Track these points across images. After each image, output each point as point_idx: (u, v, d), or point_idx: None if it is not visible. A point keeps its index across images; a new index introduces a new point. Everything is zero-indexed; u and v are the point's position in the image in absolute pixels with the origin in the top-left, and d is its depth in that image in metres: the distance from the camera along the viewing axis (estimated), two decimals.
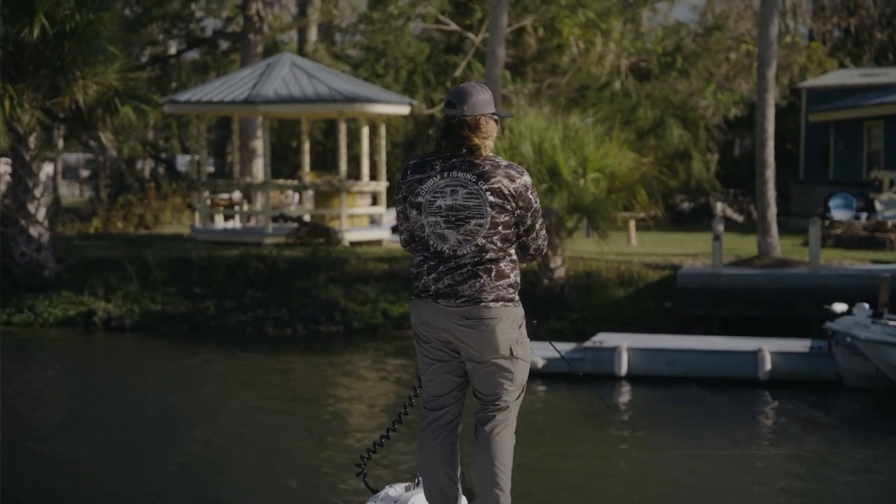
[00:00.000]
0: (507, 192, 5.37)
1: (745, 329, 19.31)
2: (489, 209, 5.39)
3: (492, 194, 5.36)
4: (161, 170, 38.06)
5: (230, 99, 24.37)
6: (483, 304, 5.42)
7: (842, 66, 41.14)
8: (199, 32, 36.03)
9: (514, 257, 5.47)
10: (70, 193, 54.59)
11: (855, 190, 28.93)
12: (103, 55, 21.70)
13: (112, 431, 14.08)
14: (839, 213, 26.78)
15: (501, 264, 5.43)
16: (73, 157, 53.95)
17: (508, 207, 5.40)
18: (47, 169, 49.97)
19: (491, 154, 5.45)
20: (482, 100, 5.45)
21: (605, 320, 20.46)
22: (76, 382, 17.75)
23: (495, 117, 5.50)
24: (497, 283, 5.42)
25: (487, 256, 5.42)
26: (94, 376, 18.07)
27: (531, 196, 5.42)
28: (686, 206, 36.85)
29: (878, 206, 26.58)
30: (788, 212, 32.12)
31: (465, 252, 5.43)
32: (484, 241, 5.41)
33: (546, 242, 5.58)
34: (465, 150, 5.41)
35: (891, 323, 14.61)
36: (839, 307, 15.64)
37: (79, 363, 19.29)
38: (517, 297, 5.45)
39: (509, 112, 5.71)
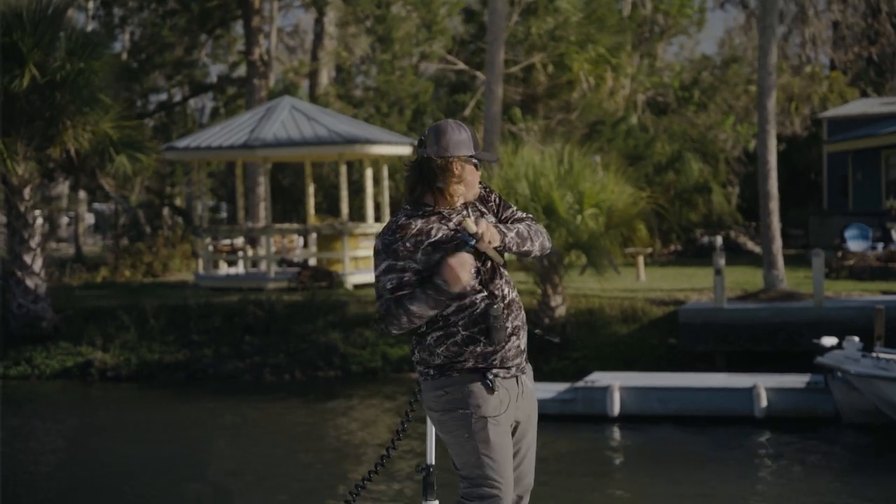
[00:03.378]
0: None
1: (748, 364, 18.79)
2: None
3: None
4: (178, 217, 37.98)
5: (229, 144, 24.20)
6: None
7: (864, 95, 40.59)
8: (201, 78, 36.01)
9: (422, 330, 4.90)
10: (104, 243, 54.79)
11: (873, 220, 28.34)
12: (96, 104, 21.55)
13: (108, 485, 13.79)
14: (855, 244, 26.22)
15: (413, 337, 4.99)
16: (106, 208, 54.05)
17: None
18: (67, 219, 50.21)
19: (405, 208, 4.91)
20: (457, 140, 4.85)
21: (607, 359, 19.99)
22: (68, 437, 17.47)
23: (474, 161, 4.91)
24: (413, 358, 5.02)
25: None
26: (87, 430, 17.79)
27: (373, 263, 4.87)
28: (706, 239, 36.33)
29: (894, 235, 26.03)
30: (808, 244, 31.56)
31: None
32: None
33: (380, 324, 4.88)
34: (433, 197, 4.89)
35: (882, 356, 14.07)
36: (828, 341, 15.09)
37: (71, 417, 18.99)
38: (433, 372, 4.91)
39: (494, 156, 5.08)
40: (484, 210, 5.03)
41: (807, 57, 45.04)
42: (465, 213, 4.96)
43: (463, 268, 4.74)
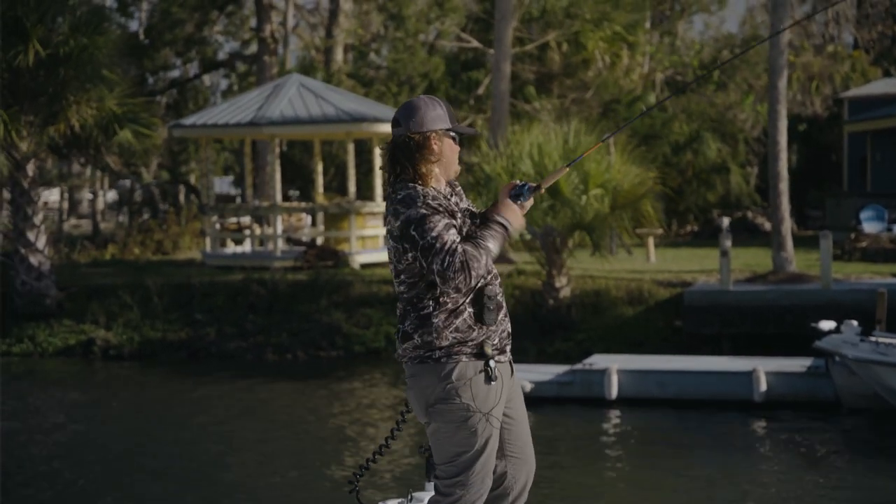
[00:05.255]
0: (395, 232, 4.64)
1: (755, 347, 18.52)
2: (392, 254, 4.73)
3: (390, 236, 4.70)
4: (193, 195, 37.90)
5: (235, 122, 24.02)
6: (403, 362, 4.81)
7: (887, 74, 40.03)
8: (212, 55, 35.77)
9: (428, 310, 4.66)
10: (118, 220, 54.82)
11: (891, 201, 27.92)
12: (100, 80, 21.40)
13: (111, 465, 13.68)
14: (870, 226, 25.85)
15: (407, 322, 4.72)
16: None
17: (402, 250, 4.64)
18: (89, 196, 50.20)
19: (408, 184, 4.66)
20: (433, 115, 4.70)
21: (612, 341, 19.74)
22: (65, 415, 17.37)
23: (452, 135, 4.74)
24: (404, 346, 4.75)
25: (402, 310, 4.77)
26: (83, 409, 17.68)
27: (414, 233, 4.55)
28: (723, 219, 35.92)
29: None
30: (826, 225, 31.16)
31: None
32: (398, 291, 4.76)
33: (457, 275, 4.51)
34: (413, 177, 4.68)
35: (881, 340, 13.77)
36: (826, 325, 14.78)
37: (68, 394, 18.88)
38: (439, 355, 4.67)
39: (473, 129, 4.90)
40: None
41: (830, 36, 44.45)
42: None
43: (520, 208, 4.75)
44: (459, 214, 4.70)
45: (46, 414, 17.23)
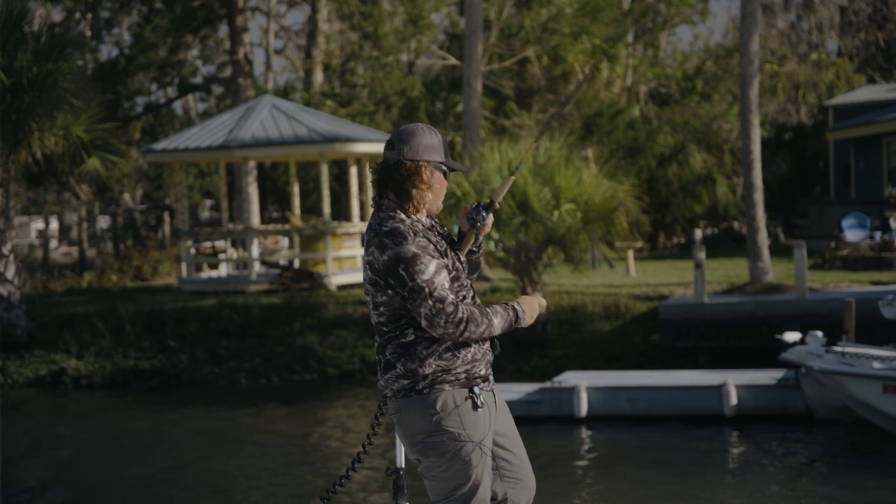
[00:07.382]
0: (377, 265, 4.47)
1: (731, 360, 18.28)
2: (368, 285, 4.56)
3: (368, 267, 4.53)
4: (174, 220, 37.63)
5: (206, 145, 23.80)
6: (387, 396, 4.66)
7: (871, 81, 39.85)
8: (189, 78, 35.54)
9: (410, 338, 4.51)
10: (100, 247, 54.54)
11: (874, 209, 27.68)
12: (66, 106, 21.14)
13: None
14: (852, 234, 25.58)
15: (387, 351, 4.58)
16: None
17: (382, 284, 4.48)
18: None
19: (393, 214, 4.50)
20: (428, 144, 4.55)
21: (589, 357, 19.49)
22: (34, 446, 17.10)
23: (444, 169, 4.59)
24: (386, 376, 4.60)
25: (380, 341, 4.62)
26: (48, 441, 17.40)
27: (403, 272, 4.39)
28: (709, 231, 35.79)
29: (893, 224, 25.41)
30: (808, 234, 30.93)
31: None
32: (374, 321, 4.61)
33: (448, 326, 4.39)
34: (398, 202, 4.56)
35: (846, 351, 13.48)
36: (791, 336, 14.50)
37: (33, 427, 18.61)
38: (422, 386, 4.50)
39: (463, 166, 4.76)
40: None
41: (814, 44, 44.29)
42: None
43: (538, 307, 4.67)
44: (447, 249, 4.57)
45: (17, 445, 16.95)
